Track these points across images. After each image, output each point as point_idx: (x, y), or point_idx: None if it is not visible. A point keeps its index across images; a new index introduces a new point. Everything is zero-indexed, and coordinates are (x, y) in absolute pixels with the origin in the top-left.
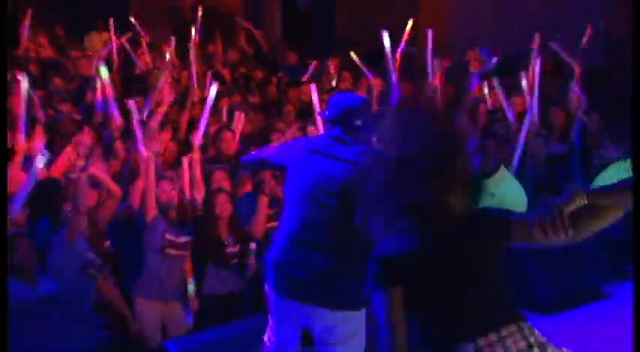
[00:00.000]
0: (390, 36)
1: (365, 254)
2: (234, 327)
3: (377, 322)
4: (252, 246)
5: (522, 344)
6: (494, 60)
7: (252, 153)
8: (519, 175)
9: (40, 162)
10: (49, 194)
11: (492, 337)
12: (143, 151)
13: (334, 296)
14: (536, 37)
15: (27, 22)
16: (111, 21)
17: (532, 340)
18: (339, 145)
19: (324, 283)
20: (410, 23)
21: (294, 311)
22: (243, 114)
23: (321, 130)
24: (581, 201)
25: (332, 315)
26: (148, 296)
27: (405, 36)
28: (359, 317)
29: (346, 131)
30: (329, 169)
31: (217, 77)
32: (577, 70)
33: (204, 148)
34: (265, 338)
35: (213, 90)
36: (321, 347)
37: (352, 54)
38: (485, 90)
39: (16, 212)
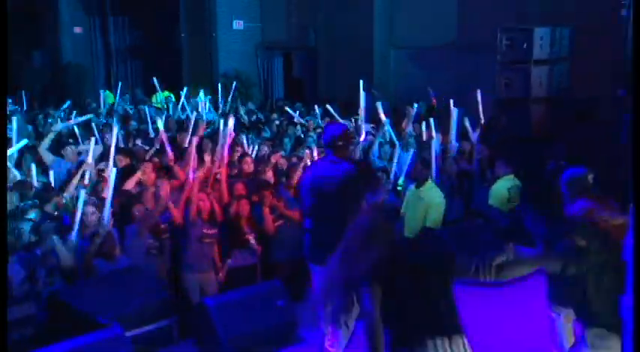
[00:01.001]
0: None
1: None
2: (253, 288)
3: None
4: (251, 238)
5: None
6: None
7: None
8: (439, 184)
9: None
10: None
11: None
12: (190, 175)
13: None
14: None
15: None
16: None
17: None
18: (332, 165)
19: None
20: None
21: (318, 272)
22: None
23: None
24: (508, 258)
25: None
26: (191, 270)
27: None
28: None
29: (334, 151)
30: (325, 184)
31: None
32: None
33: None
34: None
35: (231, 123)
36: None
37: (328, 106)
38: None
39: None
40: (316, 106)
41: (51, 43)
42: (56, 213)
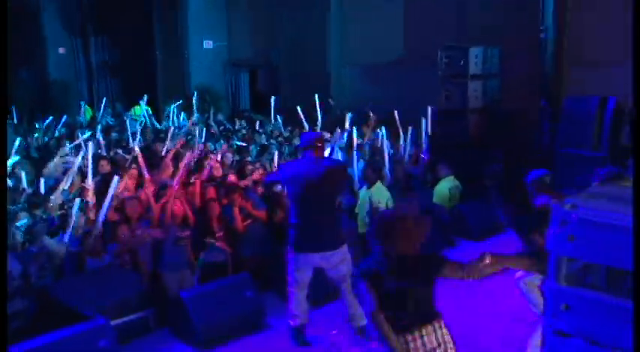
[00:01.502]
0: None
1: (339, 216)
2: (224, 281)
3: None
4: (220, 233)
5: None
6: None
7: (268, 176)
8: (392, 185)
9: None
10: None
11: (429, 328)
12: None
13: (329, 243)
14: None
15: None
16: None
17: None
18: (314, 163)
19: (325, 238)
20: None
21: (310, 259)
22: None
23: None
24: (486, 261)
25: (330, 252)
26: (169, 270)
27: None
28: (345, 249)
29: (314, 151)
30: (311, 179)
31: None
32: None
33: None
34: (291, 288)
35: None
36: (329, 271)
37: (298, 108)
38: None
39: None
40: (278, 116)
41: (38, 61)
42: (44, 216)
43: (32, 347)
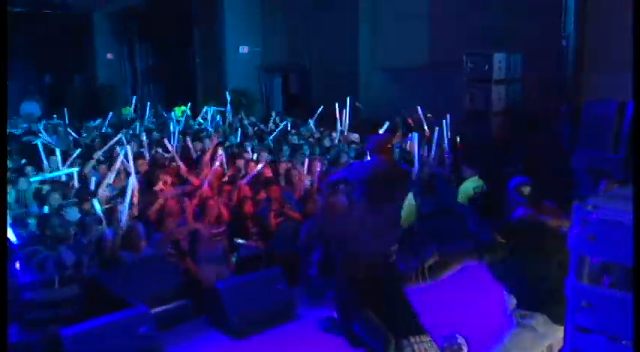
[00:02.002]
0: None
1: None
2: (257, 274)
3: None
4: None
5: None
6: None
7: (333, 176)
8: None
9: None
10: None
11: (417, 339)
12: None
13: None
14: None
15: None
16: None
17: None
18: (382, 164)
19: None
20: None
21: None
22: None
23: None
24: (435, 259)
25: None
26: (205, 262)
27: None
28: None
29: (383, 154)
30: (380, 181)
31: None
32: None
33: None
34: None
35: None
36: None
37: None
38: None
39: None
40: (310, 120)
41: (89, 68)
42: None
43: (80, 330)
